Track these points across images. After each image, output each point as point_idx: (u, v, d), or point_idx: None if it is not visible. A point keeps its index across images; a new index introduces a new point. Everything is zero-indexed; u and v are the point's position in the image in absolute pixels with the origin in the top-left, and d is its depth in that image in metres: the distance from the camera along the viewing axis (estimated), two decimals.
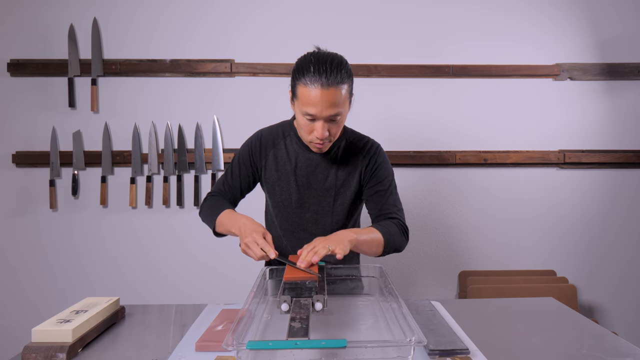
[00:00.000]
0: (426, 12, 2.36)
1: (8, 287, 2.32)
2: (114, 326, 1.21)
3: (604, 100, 2.41)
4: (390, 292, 1.15)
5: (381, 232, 1.29)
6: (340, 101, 1.20)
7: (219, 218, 1.33)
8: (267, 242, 1.16)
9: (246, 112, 2.35)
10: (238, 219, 1.26)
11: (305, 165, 1.39)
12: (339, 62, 1.21)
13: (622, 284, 2.46)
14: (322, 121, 1.22)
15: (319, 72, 1.17)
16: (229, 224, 1.28)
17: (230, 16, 2.33)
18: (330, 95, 1.18)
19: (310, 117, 1.22)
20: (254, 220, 1.24)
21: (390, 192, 1.41)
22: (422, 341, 0.84)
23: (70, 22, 2.28)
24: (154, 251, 2.36)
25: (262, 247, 1.14)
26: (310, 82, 1.18)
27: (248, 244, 1.16)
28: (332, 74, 1.17)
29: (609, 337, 1.13)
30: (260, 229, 1.19)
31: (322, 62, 1.18)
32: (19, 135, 2.30)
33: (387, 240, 1.29)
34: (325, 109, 1.20)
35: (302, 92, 1.20)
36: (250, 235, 1.16)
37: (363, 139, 1.44)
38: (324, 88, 1.17)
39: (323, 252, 1.13)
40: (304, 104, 1.21)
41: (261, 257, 1.14)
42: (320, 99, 1.18)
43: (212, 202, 1.41)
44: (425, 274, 2.45)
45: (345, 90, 1.21)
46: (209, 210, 1.38)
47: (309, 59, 1.21)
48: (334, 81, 1.17)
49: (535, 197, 2.43)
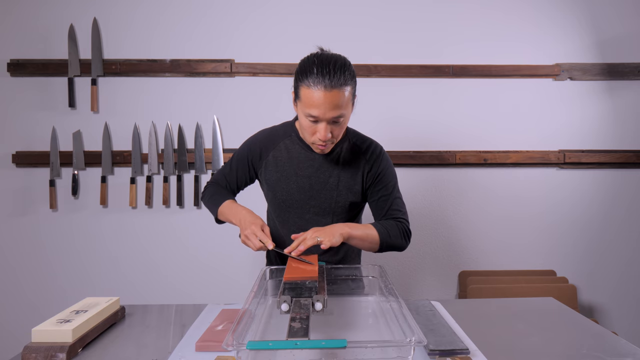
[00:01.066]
0: (426, 12, 2.36)
1: (8, 287, 2.32)
2: (114, 326, 1.21)
3: (604, 100, 2.41)
4: (390, 292, 1.15)
5: (378, 231, 1.32)
6: (343, 103, 1.20)
7: (220, 208, 1.41)
8: (265, 234, 1.24)
9: (246, 112, 2.35)
10: (239, 211, 1.33)
11: (307, 166, 1.39)
12: (343, 63, 1.20)
13: (622, 283, 2.46)
14: (325, 123, 1.22)
15: (322, 74, 1.16)
16: (229, 214, 1.36)
17: (230, 16, 2.33)
18: (333, 97, 1.18)
19: (313, 118, 1.22)
20: (253, 213, 1.32)
21: (395, 197, 1.42)
22: (422, 341, 0.84)
23: (70, 22, 2.28)
24: (154, 251, 2.36)
25: (261, 238, 1.22)
26: (314, 83, 1.17)
27: (248, 235, 1.24)
28: (336, 75, 1.17)
29: (609, 337, 1.13)
30: (258, 221, 1.28)
31: (325, 63, 1.18)
32: (19, 135, 2.30)
33: (382, 240, 1.33)
34: (329, 111, 1.20)
35: (305, 93, 1.20)
36: (249, 228, 1.24)
37: (366, 141, 1.44)
38: (327, 90, 1.17)
39: (310, 242, 1.20)
40: (307, 105, 1.21)
41: (259, 248, 1.23)
42: (323, 101, 1.18)
43: (214, 190, 1.47)
44: (425, 274, 2.45)
45: (348, 92, 1.21)
46: (211, 199, 1.46)
47: (312, 60, 1.20)
48: (337, 83, 1.17)
49: (535, 197, 2.43)
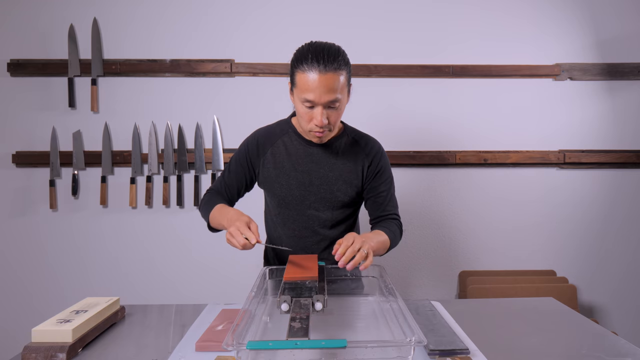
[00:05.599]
0: (426, 12, 2.36)
1: (8, 287, 2.32)
2: (114, 326, 1.21)
3: (604, 100, 2.41)
4: (390, 292, 1.15)
5: (389, 237, 1.34)
6: (338, 87, 1.22)
7: (211, 213, 1.35)
8: (252, 230, 1.16)
9: (246, 112, 2.35)
10: (227, 212, 1.28)
11: (306, 161, 1.39)
12: (337, 50, 1.24)
13: (622, 284, 2.46)
14: (321, 107, 1.24)
15: (317, 59, 1.20)
16: (219, 217, 1.30)
17: (230, 16, 2.33)
18: (328, 80, 1.20)
19: (309, 103, 1.24)
20: (240, 212, 1.25)
21: (391, 195, 1.46)
22: (422, 341, 0.84)
23: (70, 22, 2.28)
24: (154, 251, 2.36)
25: (245, 234, 1.14)
26: (309, 68, 1.20)
27: (232, 232, 1.16)
28: (330, 59, 1.20)
29: (609, 337, 1.13)
30: (244, 218, 1.20)
31: (319, 49, 1.22)
32: (19, 135, 2.30)
33: (391, 244, 1.36)
34: (324, 94, 1.21)
35: (300, 78, 1.22)
36: (233, 225, 1.17)
37: (364, 137, 1.46)
38: (322, 73, 1.19)
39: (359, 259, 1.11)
40: (303, 90, 1.22)
41: (244, 245, 1.14)
42: (318, 84, 1.20)
43: (208, 198, 1.44)
44: (425, 274, 2.45)
45: (343, 77, 1.23)
46: (204, 207, 1.42)
47: (306, 48, 1.24)
48: (331, 67, 1.20)
49: (535, 197, 2.43)
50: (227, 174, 1.46)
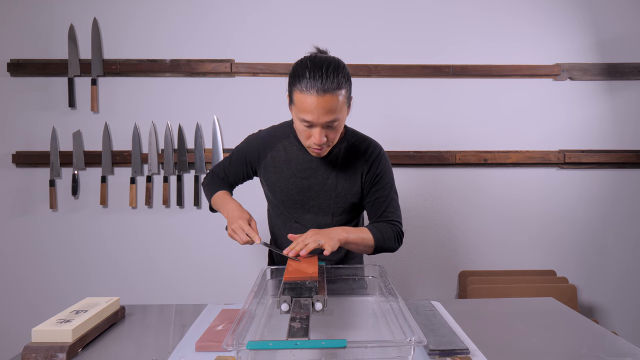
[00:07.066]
0: (426, 12, 2.36)
1: (8, 287, 2.32)
2: (114, 326, 1.21)
3: (604, 100, 2.41)
4: (390, 292, 1.15)
5: (373, 235, 1.33)
6: (337, 107, 1.18)
7: (213, 197, 1.45)
8: (252, 229, 1.25)
9: (246, 112, 2.35)
10: (227, 204, 1.35)
11: (305, 168, 1.38)
12: (336, 66, 1.17)
13: (622, 284, 2.46)
14: (320, 127, 1.20)
15: (315, 78, 1.14)
16: (220, 205, 1.39)
17: (230, 16, 2.33)
18: (326, 102, 1.15)
19: (307, 123, 1.20)
20: (241, 207, 1.33)
21: (391, 199, 1.41)
22: (422, 341, 0.84)
23: (70, 22, 2.28)
24: (154, 251, 2.36)
25: (248, 233, 1.23)
26: (306, 88, 1.15)
27: (235, 229, 1.25)
28: (329, 79, 1.14)
29: (609, 337, 1.13)
30: (245, 216, 1.28)
31: (318, 67, 1.15)
32: (19, 135, 2.30)
33: (377, 243, 1.34)
34: (322, 116, 1.17)
35: (298, 98, 1.18)
36: (236, 222, 1.26)
37: (365, 141, 1.42)
38: (320, 95, 1.14)
39: (312, 246, 1.19)
40: (300, 110, 1.19)
41: (246, 242, 1.24)
42: (316, 106, 1.15)
43: (211, 179, 1.51)
44: (425, 274, 2.45)
45: (342, 95, 1.18)
46: (207, 188, 1.50)
47: (304, 64, 1.18)
48: (330, 87, 1.14)
49: (535, 197, 2.43)
50: (228, 163, 1.49)
